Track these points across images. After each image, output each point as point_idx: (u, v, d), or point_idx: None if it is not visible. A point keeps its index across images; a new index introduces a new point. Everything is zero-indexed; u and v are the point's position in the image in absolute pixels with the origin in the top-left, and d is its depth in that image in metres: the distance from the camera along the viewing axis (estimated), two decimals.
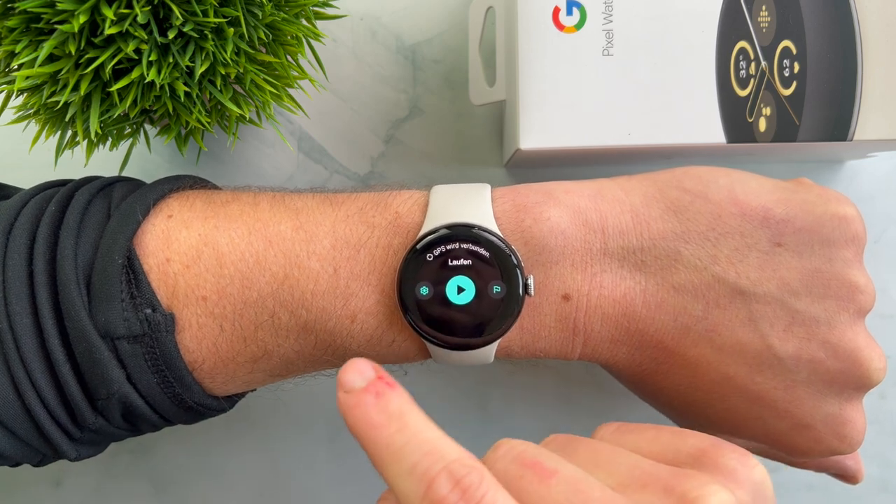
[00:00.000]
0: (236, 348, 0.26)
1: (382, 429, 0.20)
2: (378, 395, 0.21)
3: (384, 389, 0.21)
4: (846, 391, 0.26)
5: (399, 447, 0.20)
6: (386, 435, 0.20)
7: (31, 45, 0.25)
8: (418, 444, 0.20)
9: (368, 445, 0.20)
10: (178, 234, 0.26)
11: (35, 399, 0.24)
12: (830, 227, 0.26)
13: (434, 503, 0.18)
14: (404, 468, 0.19)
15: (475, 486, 0.18)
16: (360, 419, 0.21)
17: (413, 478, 0.19)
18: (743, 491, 0.20)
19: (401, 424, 0.20)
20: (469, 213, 0.26)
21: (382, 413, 0.21)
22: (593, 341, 0.27)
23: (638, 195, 0.26)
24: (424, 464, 0.19)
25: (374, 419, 0.20)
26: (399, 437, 0.20)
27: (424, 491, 0.19)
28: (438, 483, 0.19)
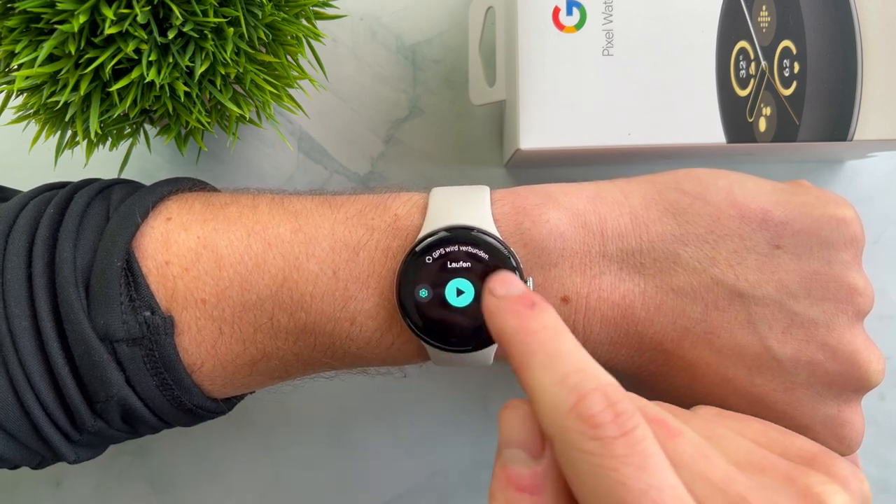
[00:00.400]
0: (235, 351, 0.26)
1: (535, 334, 0.20)
2: (533, 305, 0.21)
3: (540, 301, 0.21)
4: (845, 393, 0.26)
5: (551, 356, 0.19)
6: (538, 341, 0.20)
7: (31, 45, 0.25)
8: (572, 359, 0.19)
9: (516, 349, 0.20)
10: (177, 237, 0.26)
11: (34, 401, 0.24)
12: (829, 230, 0.26)
13: (584, 417, 0.18)
14: (554, 377, 0.19)
15: (629, 415, 0.18)
16: (511, 323, 0.21)
17: (563, 387, 0.19)
18: (855, 500, 0.20)
19: (555, 335, 0.20)
20: (468, 216, 0.26)
21: (536, 321, 0.20)
22: (592, 343, 0.27)
23: (637, 197, 0.27)
24: (577, 377, 0.19)
25: (527, 324, 0.20)
26: (552, 345, 0.20)
27: (575, 402, 0.18)
28: (593, 399, 0.18)
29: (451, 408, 0.37)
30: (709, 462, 0.19)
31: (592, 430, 0.18)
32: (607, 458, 0.17)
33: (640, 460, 0.17)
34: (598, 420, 0.18)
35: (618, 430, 0.18)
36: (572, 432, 0.18)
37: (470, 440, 0.37)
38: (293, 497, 0.37)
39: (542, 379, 0.19)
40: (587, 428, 0.18)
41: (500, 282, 0.22)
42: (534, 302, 0.21)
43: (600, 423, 0.18)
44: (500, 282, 0.22)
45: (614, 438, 0.18)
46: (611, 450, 0.17)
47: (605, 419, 0.18)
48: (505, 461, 0.20)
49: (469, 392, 0.37)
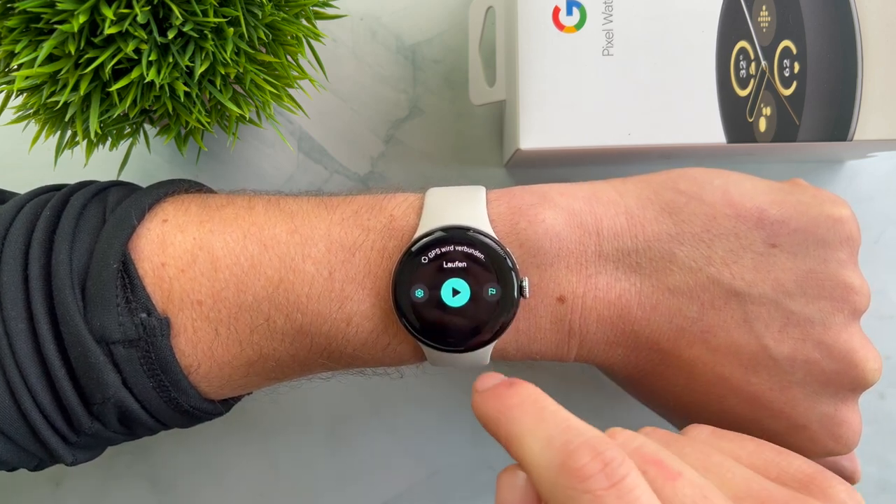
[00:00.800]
0: (232, 352, 0.26)
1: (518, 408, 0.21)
2: (511, 385, 0.21)
3: (517, 381, 0.22)
4: (841, 392, 0.26)
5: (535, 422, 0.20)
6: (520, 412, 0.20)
7: (31, 45, 0.25)
8: (556, 421, 0.20)
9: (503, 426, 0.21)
10: (174, 239, 0.26)
11: (31, 404, 0.24)
12: (825, 228, 0.26)
13: (573, 471, 0.18)
14: (541, 439, 0.19)
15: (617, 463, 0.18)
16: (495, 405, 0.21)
17: (551, 449, 0.19)
18: None
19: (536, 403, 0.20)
20: (464, 216, 0.26)
21: (516, 396, 0.21)
22: (589, 343, 0.27)
23: (633, 197, 0.27)
24: (563, 436, 0.19)
25: (508, 401, 0.21)
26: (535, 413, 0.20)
27: (563, 460, 0.18)
28: (579, 453, 0.18)
29: (450, 407, 0.37)
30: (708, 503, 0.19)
31: (583, 484, 0.18)
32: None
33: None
34: (587, 472, 0.18)
35: (607, 480, 0.18)
36: (563, 489, 0.18)
37: (469, 439, 0.37)
38: (293, 497, 0.37)
39: (530, 445, 0.19)
40: (577, 482, 0.18)
41: (482, 380, 0.23)
42: (512, 382, 0.22)
43: (589, 475, 0.18)
44: (482, 380, 0.23)
45: (606, 489, 0.18)
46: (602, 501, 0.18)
47: (593, 470, 0.18)
48: None
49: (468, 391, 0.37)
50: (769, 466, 0.22)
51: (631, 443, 0.21)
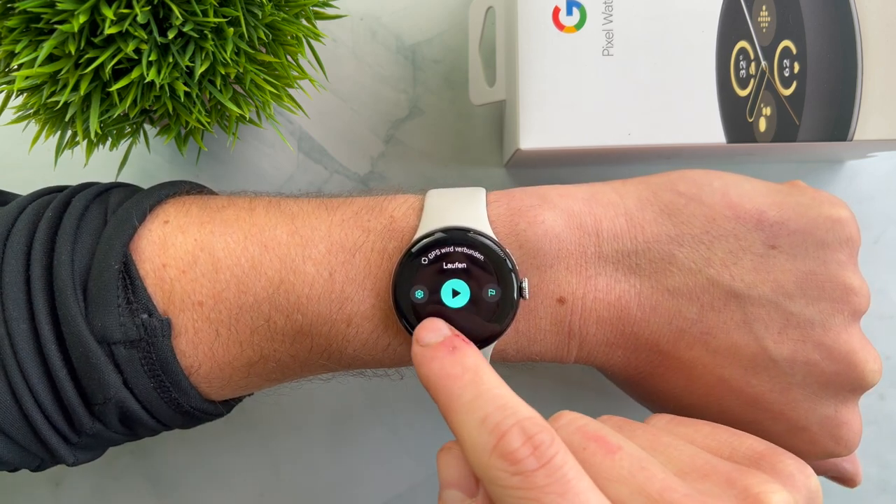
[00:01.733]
0: (232, 353, 0.26)
1: (456, 379, 0.21)
2: (454, 350, 0.22)
3: (460, 345, 0.22)
4: (841, 393, 0.26)
5: (472, 398, 0.20)
6: (459, 385, 0.21)
7: (31, 45, 0.25)
8: (492, 397, 0.20)
9: (441, 395, 0.21)
10: (175, 240, 0.26)
11: (32, 404, 0.24)
12: (824, 230, 0.26)
13: (504, 455, 0.19)
14: (476, 419, 0.20)
15: (546, 445, 0.19)
16: (434, 370, 0.22)
17: (484, 429, 0.19)
18: (800, 495, 0.20)
19: (475, 377, 0.21)
20: (464, 217, 0.26)
21: (457, 365, 0.21)
22: (589, 344, 0.27)
23: (632, 198, 0.27)
24: (497, 417, 0.19)
25: (448, 370, 0.21)
26: (473, 388, 0.20)
27: (495, 443, 0.19)
28: (511, 436, 0.19)
29: None
30: (646, 474, 0.19)
31: (513, 466, 0.18)
32: (529, 489, 0.18)
33: (560, 487, 0.18)
34: (518, 456, 0.19)
35: (536, 461, 0.18)
36: (496, 470, 0.19)
37: None
38: (293, 497, 0.37)
39: (465, 421, 0.20)
40: (508, 465, 0.19)
41: (425, 329, 0.23)
42: (454, 346, 0.22)
43: (520, 458, 0.18)
44: (425, 329, 0.23)
45: (534, 471, 0.18)
46: (532, 482, 0.18)
47: (524, 454, 0.19)
48: (444, 501, 0.21)
49: None
50: (721, 446, 0.22)
51: (575, 422, 0.21)
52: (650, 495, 0.19)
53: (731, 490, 0.20)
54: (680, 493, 0.19)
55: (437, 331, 0.24)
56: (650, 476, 0.19)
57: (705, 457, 0.21)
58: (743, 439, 0.22)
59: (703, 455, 0.21)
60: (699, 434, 0.23)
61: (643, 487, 0.19)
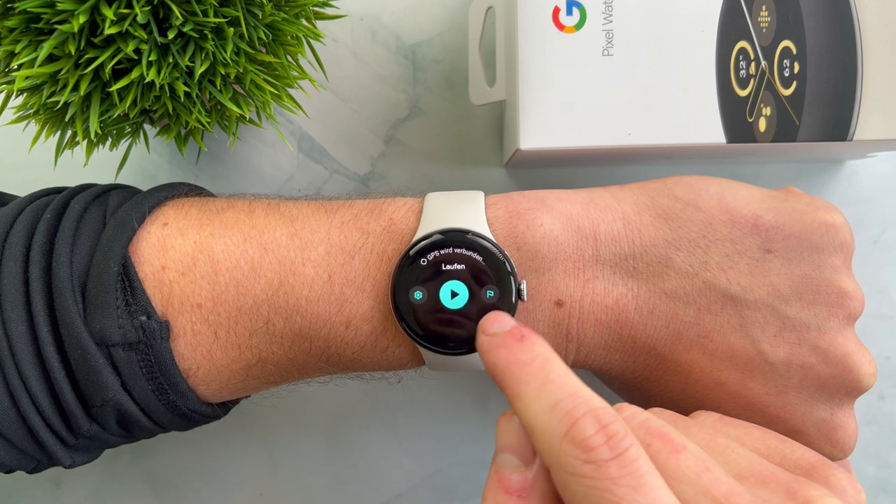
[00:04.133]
0: (231, 355, 0.26)
1: (525, 365, 0.21)
2: (522, 338, 0.22)
3: (528, 333, 0.22)
4: (837, 396, 0.26)
5: (542, 383, 0.20)
6: (528, 371, 0.20)
7: (31, 45, 0.25)
8: (563, 384, 0.20)
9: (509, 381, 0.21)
10: (174, 242, 0.26)
11: (30, 406, 0.24)
12: (819, 235, 0.26)
13: (577, 441, 0.18)
14: (546, 404, 0.19)
15: (621, 436, 0.18)
16: (502, 357, 0.21)
17: (555, 414, 0.19)
18: None
19: (545, 364, 0.21)
20: (463, 219, 0.26)
21: (526, 352, 0.21)
22: (586, 347, 0.27)
23: (629, 203, 0.27)
24: (569, 403, 0.19)
25: (517, 356, 0.21)
26: (542, 374, 0.20)
27: (567, 427, 0.19)
28: (584, 423, 0.19)
29: (450, 407, 0.37)
30: (711, 476, 0.19)
31: (586, 454, 0.18)
32: (601, 480, 0.18)
33: (633, 480, 0.18)
34: (591, 444, 0.18)
35: (610, 452, 0.18)
36: (567, 457, 0.18)
37: (469, 439, 0.37)
38: (293, 496, 0.37)
39: (535, 407, 0.20)
40: (580, 452, 0.18)
41: (491, 320, 0.23)
42: (523, 335, 0.22)
43: (593, 446, 0.18)
44: (491, 320, 0.23)
45: (608, 461, 0.18)
46: (605, 472, 0.18)
47: (597, 442, 0.18)
48: (498, 465, 0.21)
49: (468, 391, 0.37)
50: (773, 453, 0.22)
51: (637, 417, 0.21)
52: (716, 498, 0.19)
53: (790, 500, 0.20)
54: (745, 499, 0.19)
55: (502, 322, 0.23)
56: (715, 479, 0.19)
57: (764, 463, 0.21)
58: (794, 448, 0.22)
59: (761, 461, 0.21)
60: (749, 437, 0.23)
61: (709, 490, 0.19)
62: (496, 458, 0.21)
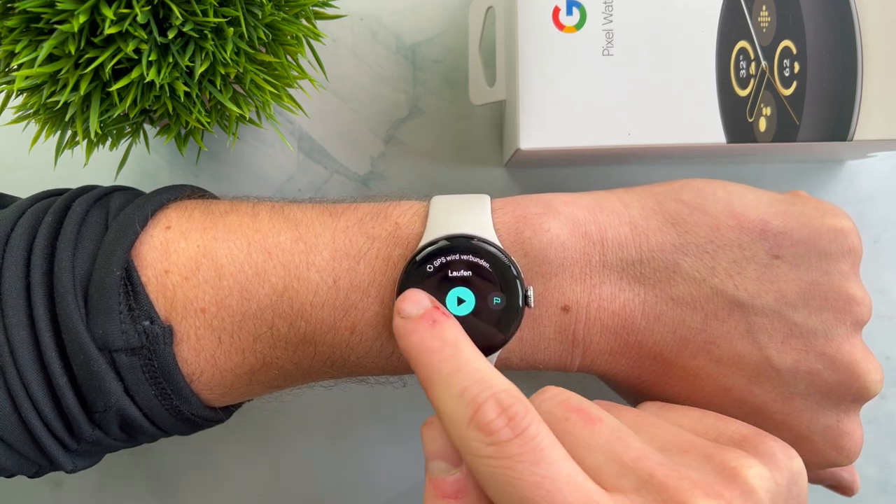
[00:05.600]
0: (234, 360, 0.26)
1: (436, 353, 0.22)
2: (434, 323, 0.23)
3: (440, 318, 0.23)
4: (843, 403, 0.26)
5: (451, 372, 0.21)
6: (439, 359, 0.21)
7: (31, 45, 0.25)
8: (470, 371, 0.21)
9: (421, 368, 0.22)
10: (177, 246, 0.26)
11: (32, 411, 0.24)
12: (827, 240, 0.26)
13: (480, 426, 0.19)
14: (454, 391, 0.20)
15: (521, 416, 0.19)
16: (415, 343, 0.22)
17: (462, 401, 0.20)
18: (780, 474, 0.21)
19: (454, 351, 0.22)
20: (469, 224, 0.26)
21: (437, 339, 0.22)
22: (592, 353, 0.26)
23: (636, 207, 0.27)
24: (474, 390, 0.20)
25: (429, 344, 0.22)
26: (452, 362, 0.21)
27: (472, 414, 0.20)
28: (486, 408, 0.20)
29: None
30: (622, 443, 0.20)
31: (489, 437, 0.19)
32: (503, 458, 0.19)
33: (532, 455, 0.19)
34: (493, 427, 0.19)
35: (511, 432, 0.19)
36: (472, 441, 0.20)
37: None
38: (293, 496, 0.37)
39: (443, 395, 0.21)
40: (484, 436, 0.19)
41: (405, 300, 0.24)
42: (434, 319, 0.23)
43: (494, 429, 0.19)
44: (405, 300, 0.24)
45: (508, 441, 0.19)
46: (506, 451, 0.19)
47: (498, 425, 0.19)
48: (431, 473, 0.22)
49: None
50: (709, 430, 0.23)
51: (559, 396, 0.22)
52: (624, 462, 0.20)
53: (708, 464, 0.20)
54: (653, 461, 0.20)
55: (417, 303, 0.24)
56: (626, 445, 0.20)
57: (687, 436, 0.22)
58: (729, 424, 0.23)
59: (686, 434, 0.22)
60: (687, 418, 0.23)
61: (619, 455, 0.20)
62: (427, 466, 0.22)
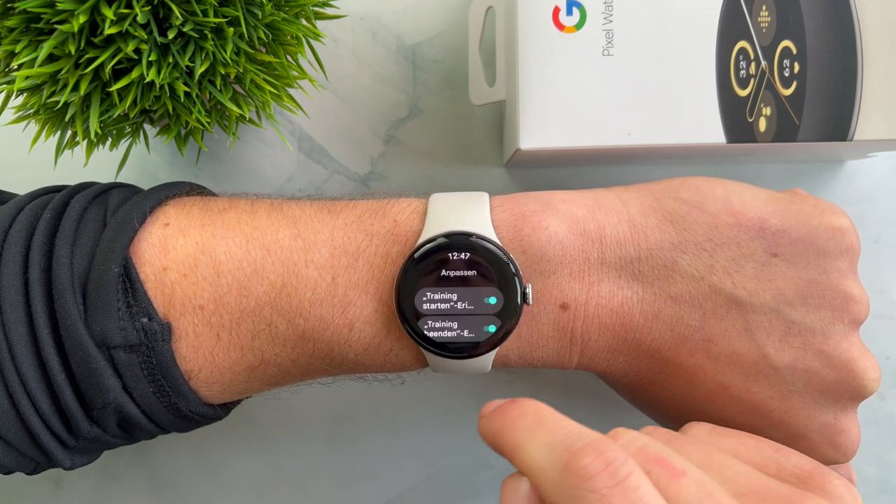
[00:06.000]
0: (233, 357, 0.26)
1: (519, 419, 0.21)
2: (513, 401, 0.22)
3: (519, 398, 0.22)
4: (841, 401, 0.26)
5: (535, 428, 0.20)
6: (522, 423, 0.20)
7: (31, 45, 0.25)
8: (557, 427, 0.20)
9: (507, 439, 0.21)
10: (175, 243, 0.26)
11: (30, 408, 0.24)
12: (825, 238, 0.26)
13: (576, 471, 0.18)
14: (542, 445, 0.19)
15: (619, 462, 0.18)
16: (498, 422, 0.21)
17: (553, 452, 0.19)
18: None
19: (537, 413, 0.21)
20: (468, 222, 0.26)
21: (518, 408, 0.21)
22: (591, 350, 0.27)
23: (635, 205, 0.27)
24: (566, 441, 0.19)
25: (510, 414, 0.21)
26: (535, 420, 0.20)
27: (567, 461, 0.18)
28: (582, 454, 0.18)
29: (450, 407, 0.37)
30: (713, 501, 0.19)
31: (587, 483, 0.18)
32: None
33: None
34: (591, 471, 0.18)
35: (612, 479, 0.18)
36: (569, 490, 0.18)
37: (469, 439, 0.37)
38: (293, 496, 0.37)
39: (532, 452, 0.20)
40: (581, 482, 0.18)
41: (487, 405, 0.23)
42: (514, 399, 0.22)
43: (592, 474, 0.18)
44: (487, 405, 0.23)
45: (610, 488, 0.18)
46: (608, 501, 0.18)
47: (596, 469, 0.18)
48: None
49: (469, 391, 0.37)
50: (768, 463, 0.22)
51: (634, 443, 0.21)
52: None
53: None
54: None
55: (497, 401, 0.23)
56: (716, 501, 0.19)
57: (761, 479, 0.21)
58: (789, 456, 0.22)
59: (759, 476, 0.21)
60: (743, 447, 0.23)
61: None
62: None
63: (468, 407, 0.37)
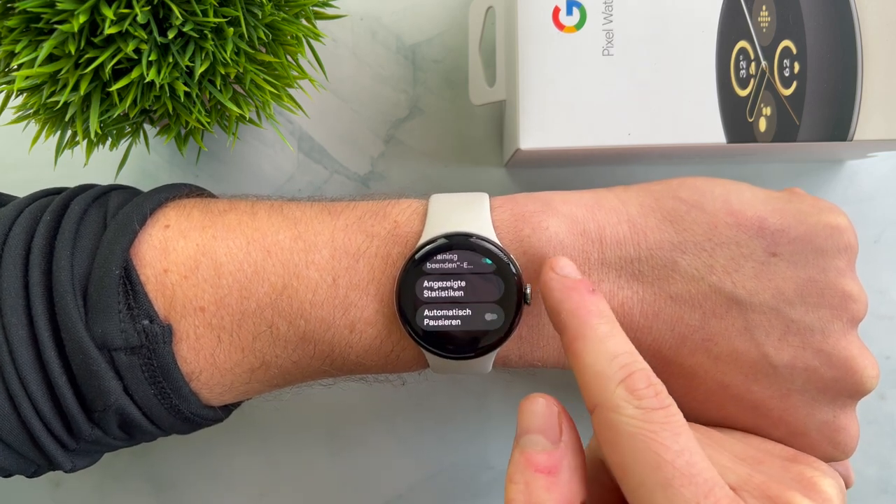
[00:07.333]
0: (234, 359, 0.26)
1: (594, 315, 0.23)
2: (593, 292, 0.24)
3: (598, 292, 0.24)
4: (840, 399, 0.26)
5: (608, 335, 0.23)
6: (597, 321, 0.23)
7: (31, 45, 0.25)
8: (622, 341, 0.23)
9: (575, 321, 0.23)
10: (176, 245, 0.26)
11: (31, 411, 0.24)
12: (824, 237, 0.26)
13: (631, 390, 0.21)
14: (608, 353, 0.22)
15: (664, 395, 0.21)
16: (574, 299, 0.23)
17: (615, 363, 0.22)
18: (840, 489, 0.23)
19: (612, 321, 0.23)
20: (468, 223, 0.26)
21: (596, 305, 0.23)
22: None
23: (634, 205, 0.27)
24: (627, 358, 0.22)
25: (589, 306, 0.23)
26: (609, 327, 0.23)
27: (625, 377, 0.21)
28: (638, 377, 0.21)
29: (450, 407, 0.37)
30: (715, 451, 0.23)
31: (637, 401, 0.21)
32: (649, 423, 0.20)
33: (675, 428, 0.20)
34: (642, 394, 0.21)
35: (658, 403, 0.21)
36: (619, 399, 0.21)
37: (469, 439, 0.37)
38: (293, 496, 0.37)
39: (597, 351, 0.22)
40: (632, 398, 0.21)
41: (560, 260, 0.25)
42: (594, 289, 0.24)
43: (644, 396, 0.21)
44: (560, 260, 0.25)
45: (655, 409, 0.21)
46: (652, 416, 0.20)
47: (648, 394, 0.21)
48: (524, 446, 0.22)
49: (468, 391, 0.37)
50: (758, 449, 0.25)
51: None
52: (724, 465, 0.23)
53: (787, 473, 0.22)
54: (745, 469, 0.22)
55: (572, 266, 0.25)
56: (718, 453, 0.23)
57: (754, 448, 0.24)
58: (774, 445, 0.25)
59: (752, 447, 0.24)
60: (733, 437, 0.25)
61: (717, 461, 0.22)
62: (521, 440, 0.22)
63: (468, 407, 0.37)
